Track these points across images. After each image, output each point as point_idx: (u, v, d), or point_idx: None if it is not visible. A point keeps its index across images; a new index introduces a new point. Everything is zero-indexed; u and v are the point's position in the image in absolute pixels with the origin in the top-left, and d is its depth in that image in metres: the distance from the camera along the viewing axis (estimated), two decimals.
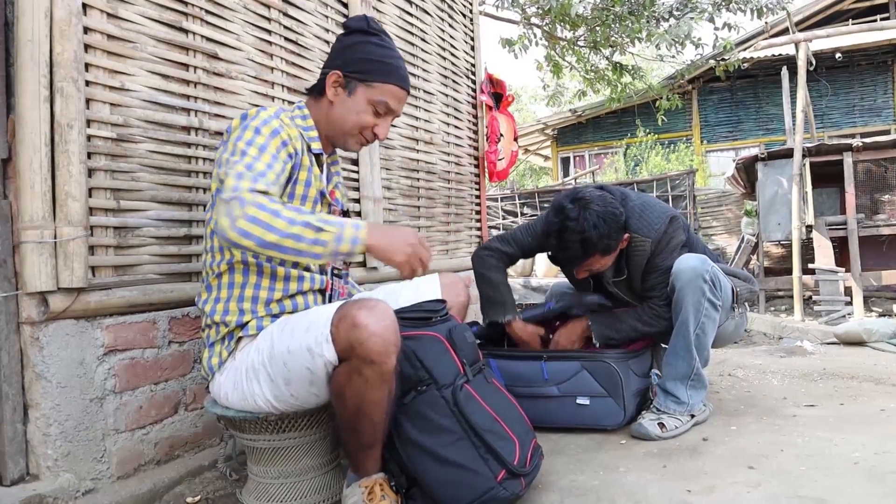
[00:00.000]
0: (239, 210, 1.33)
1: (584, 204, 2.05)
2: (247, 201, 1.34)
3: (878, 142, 6.84)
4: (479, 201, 4.05)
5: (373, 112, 1.64)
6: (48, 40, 1.53)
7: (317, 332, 1.39)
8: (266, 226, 1.33)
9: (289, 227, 1.34)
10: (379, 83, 1.62)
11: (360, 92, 1.62)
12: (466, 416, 1.49)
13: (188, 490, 1.77)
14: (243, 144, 1.46)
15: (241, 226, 1.32)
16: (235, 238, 1.33)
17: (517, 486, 1.51)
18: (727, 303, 2.18)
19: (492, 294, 2.31)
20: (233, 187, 1.37)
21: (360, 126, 1.65)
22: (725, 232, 11.48)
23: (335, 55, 1.66)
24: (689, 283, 2.05)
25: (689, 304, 2.06)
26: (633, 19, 6.80)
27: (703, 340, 2.10)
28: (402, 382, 1.51)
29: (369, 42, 1.63)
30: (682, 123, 14.10)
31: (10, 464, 1.52)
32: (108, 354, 1.69)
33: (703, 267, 2.06)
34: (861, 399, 2.45)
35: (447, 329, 1.61)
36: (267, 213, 1.34)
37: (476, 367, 1.64)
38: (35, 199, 1.51)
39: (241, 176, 1.39)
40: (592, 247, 2.05)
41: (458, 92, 3.77)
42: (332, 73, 1.62)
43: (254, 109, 1.55)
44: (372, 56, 1.62)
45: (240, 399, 1.53)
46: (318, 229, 1.36)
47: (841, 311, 6.13)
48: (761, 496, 1.56)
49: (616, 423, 2.11)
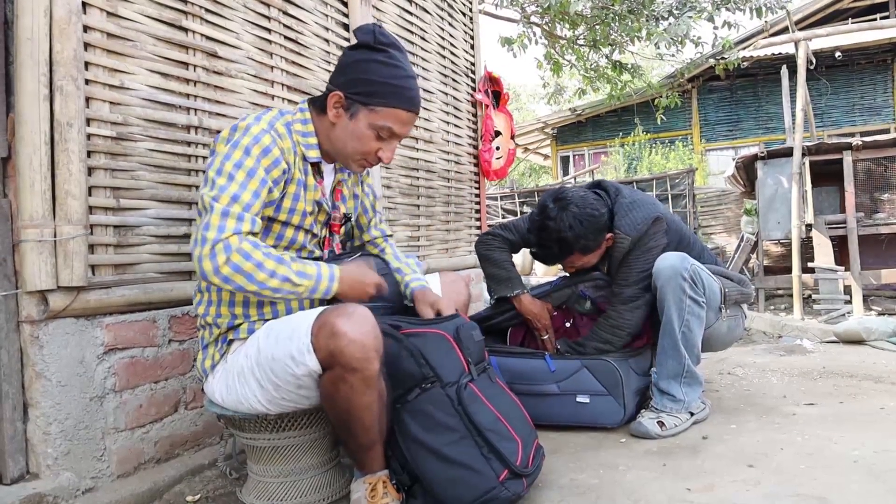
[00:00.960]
0: (223, 257, 1.36)
1: (563, 204, 2.11)
2: (232, 248, 1.36)
3: (878, 140, 6.84)
4: (479, 200, 4.05)
5: (375, 137, 1.56)
6: (48, 39, 1.52)
7: (298, 340, 1.39)
8: (248, 276, 1.38)
9: (268, 280, 1.39)
10: (382, 107, 1.53)
11: (361, 116, 1.54)
12: (470, 415, 1.49)
13: (188, 489, 1.77)
14: (231, 166, 1.43)
15: (224, 273, 1.36)
16: (217, 283, 1.38)
17: (519, 487, 1.50)
18: (714, 302, 2.16)
19: (497, 272, 2.34)
20: (218, 227, 1.37)
21: (361, 152, 1.58)
22: (725, 231, 11.47)
23: (339, 71, 1.58)
24: (669, 280, 2.05)
25: (671, 303, 2.07)
26: (632, 18, 6.80)
27: (689, 338, 2.10)
28: (406, 379, 1.51)
29: (374, 60, 1.53)
30: (682, 122, 14.10)
31: (10, 462, 1.52)
32: (108, 353, 1.69)
33: (682, 265, 2.06)
34: (860, 397, 2.45)
35: (454, 327, 1.60)
36: (251, 265, 1.37)
37: (481, 366, 1.64)
38: (35, 197, 1.50)
39: (227, 214, 1.38)
40: (568, 246, 2.12)
41: (458, 91, 3.77)
42: (334, 93, 1.54)
43: (245, 121, 1.50)
44: (376, 77, 1.52)
45: (234, 401, 1.53)
46: (295, 284, 1.43)
47: (840, 310, 6.13)
48: (761, 494, 1.56)
49: (616, 422, 2.11)
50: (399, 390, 1.51)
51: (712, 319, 2.18)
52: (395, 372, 1.51)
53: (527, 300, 2.32)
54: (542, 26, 7.46)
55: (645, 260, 2.13)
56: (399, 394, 1.51)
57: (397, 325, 1.57)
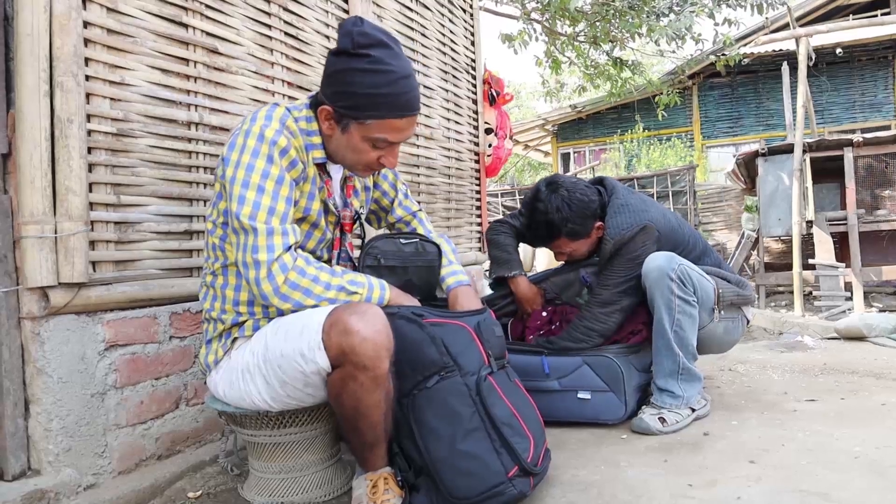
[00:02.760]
0: (281, 277, 1.41)
1: (554, 188, 2.16)
2: (288, 267, 1.41)
3: (879, 137, 6.83)
4: (480, 197, 4.04)
5: (371, 147, 1.50)
6: (48, 35, 1.52)
7: (309, 337, 1.38)
8: (306, 292, 1.43)
9: (325, 293, 1.44)
10: (373, 120, 1.45)
11: (353, 129, 1.47)
12: (487, 406, 1.48)
13: (189, 485, 1.77)
14: (258, 178, 1.40)
15: (283, 292, 1.41)
16: (277, 304, 1.43)
17: (526, 486, 1.49)
18: (707, 302, 2.14)
19: (499, 254, 2.38)
20: (267, 247, 1.39)
21: (361, 163, 1.54)
22: (726, 227, 11.47)
23: (326, 81, 1.49)
24: (657, 282, 2.05)
25: (660, 303, 2.06)
26: (632, 14, 6.79)
27: (682, 336, 2.09)
28: (427, 366, 1.49)
29: (356, 69, 1.41)
30: (683, 119, 14.08)
31: (11, 459, 1.52)
32: (109, 349, 1.69)
33: (670, 265, 2.04)
34: (862, 394, 2.45)
35: (476, 321, 1.60)
36: (307, 280, 1.43)
37: (500, 362, 1.63)
38: (35, 194, 1.50)
39: (273, 232, 1.40)
40: (556, 229, 2.15)
41: (459, 87, 3.76)
42: (323, 108, 1.47)
43: (255, 124, 1.44)
44: (360, 89, 1.42)
45: (236, 397, 1.53)
46: (350, 293, 1.47)
47: (841, 307, 6.12)
48: (762, 490, 1.56)
49: (617, 418, 2.11)
50: (418, 376, 1.49)
51: (706, 320, 2.17)
52: (417, 357, 1.49)
53: (523, 282, 2.34)
54: (542, 23, 7.44)
55: (628, 267, 2.11)
56: (418, 380, 1.49)
57: (420, 314, 1.54)
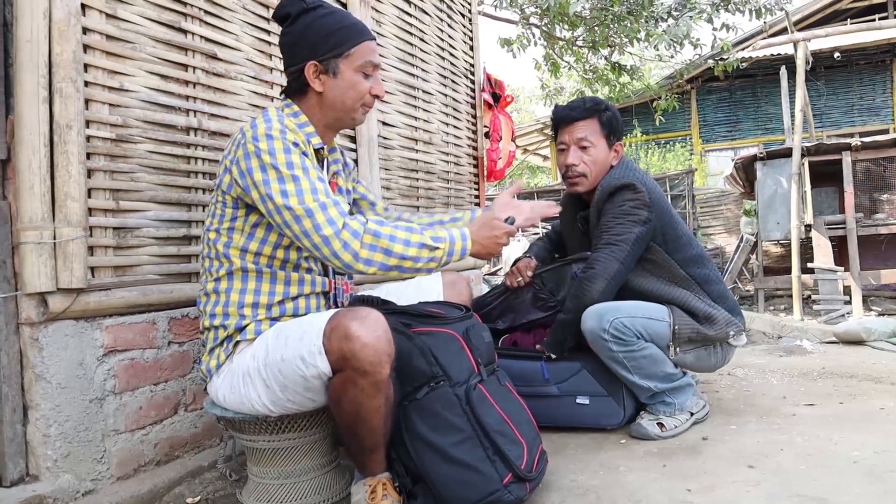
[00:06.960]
0: (356, 242, 1.41)
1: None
2: (359, 232, 1.42)
3: (877, 141, 6.85)
4: (479, 201, 4.05)
5: (363, 76, 1.61)
6: (47, 41, 1.52)
7: (310, 342, 1.39)
8: (386, 252, 1.43)
9: (406, 250, 1.45)
10: (353, 48, 1.58)
11: (343, 67, 1.58)
12: (478, 416, 1.48)
13: (188, 490, 1.77)
14: (286, 169, 1.43)
15: (364, 257, 1.42)
16: (362, 268, 1.43)
17: (522, 491, 1.50)
18: (661, 339, 2.06)
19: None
20: (328, 220, 1.40)
21: (359, 97, 1.62)
22: (725, 231, 11.49)
23: (294, 48, 1.60)
24: (594, 343, 2.05)
25: (608, 361, 2.06)
26: (631, 19, 6.81)
27: (647, 373, 2.05)
28: (416, 377, 1.50)
29: (319, 17, 1.57)
30: (681, 123, 14.11)
31: (9, 465, 1.52)
32: (107, 355, 1.69)
33: (600, 325, 2.00)
34: (860, 398, 2.45)
35: (464, 328, 1.60)
36: (384, 240, 1.43)
37: (490, 367, 1.64)
38: (34, 199, 1.50)
39: (325, 206, 1.42)
40: (598, 106, 2.23)
41: (457, 92, 3.77)
42: (308, 65, 1.57)
43: (258, 129, 1.47)
44: (331, 28, 1.57)
45: (237, 402, 1.53)
46: (432, 248, 1.48)
47: (840, 311, 6.13)
48: (761, 495, 1.56)
49: (616, 423, 2.11)
50: (408, 388, 1.50)
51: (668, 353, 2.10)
52: (406, 369, 1.50)
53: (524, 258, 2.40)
54: (541, 27, 7.46)
55: (619, 222, 2.07)
56: (408, 391, 1.50)
57: (408, 324, 1.56)
